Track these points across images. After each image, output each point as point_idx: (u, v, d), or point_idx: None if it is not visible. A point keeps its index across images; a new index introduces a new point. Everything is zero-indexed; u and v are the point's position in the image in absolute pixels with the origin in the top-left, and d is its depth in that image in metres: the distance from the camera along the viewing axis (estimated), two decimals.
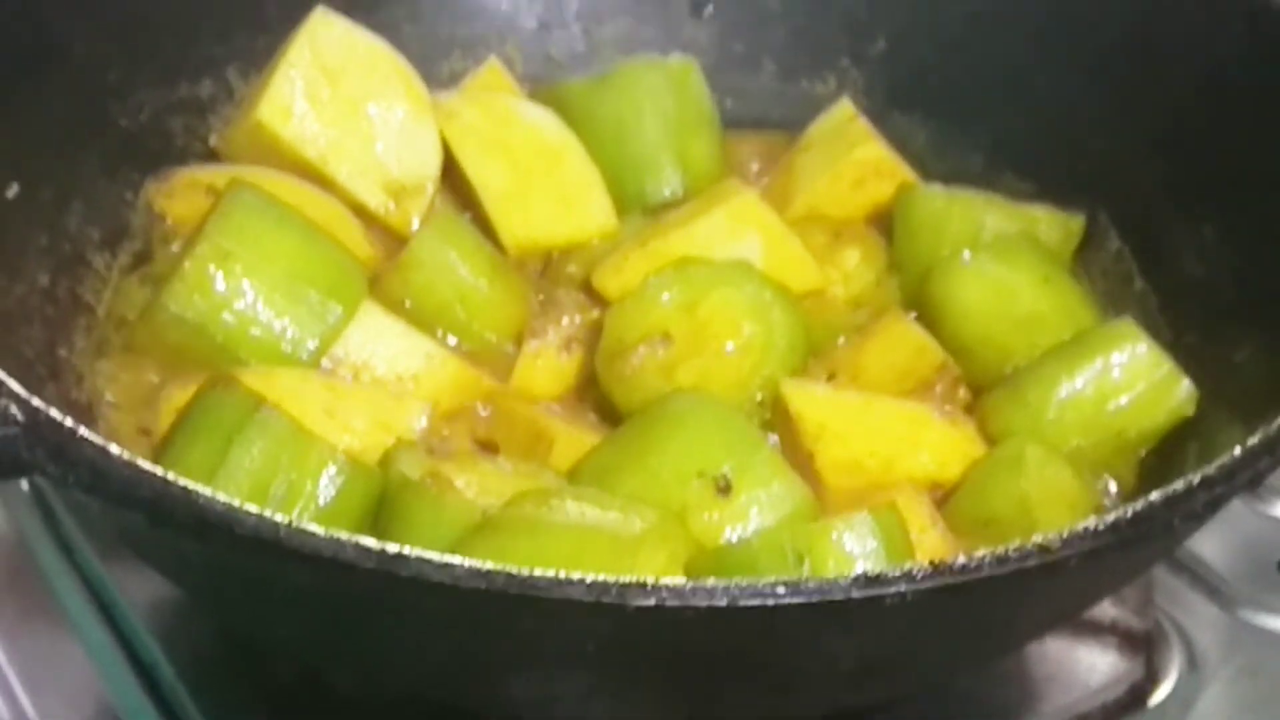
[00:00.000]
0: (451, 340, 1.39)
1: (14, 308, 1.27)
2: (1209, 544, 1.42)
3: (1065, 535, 0.97)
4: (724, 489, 1.20)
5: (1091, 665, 1.32)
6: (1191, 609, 1.39)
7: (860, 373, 1.38)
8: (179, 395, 1.27)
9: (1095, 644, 1.33)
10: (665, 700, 1.08)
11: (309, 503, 1.16)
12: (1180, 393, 1.31)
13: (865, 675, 1.09)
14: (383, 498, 1.20)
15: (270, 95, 1.44)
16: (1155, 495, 1.01)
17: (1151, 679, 1.33)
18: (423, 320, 1.38)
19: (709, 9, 1.68)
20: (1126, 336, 1.33)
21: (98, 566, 1.34)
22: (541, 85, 1.61)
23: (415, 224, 1.47)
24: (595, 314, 1.40)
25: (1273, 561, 1.44)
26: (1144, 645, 1.34)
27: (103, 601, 1.33)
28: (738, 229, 1.43)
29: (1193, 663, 1.35)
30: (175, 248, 1.38)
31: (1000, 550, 0.96)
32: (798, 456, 1.28)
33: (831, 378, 1.37)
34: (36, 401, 0.99)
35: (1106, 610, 1.33)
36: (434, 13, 1.63)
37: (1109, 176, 1.49)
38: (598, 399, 1.36)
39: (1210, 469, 1.03)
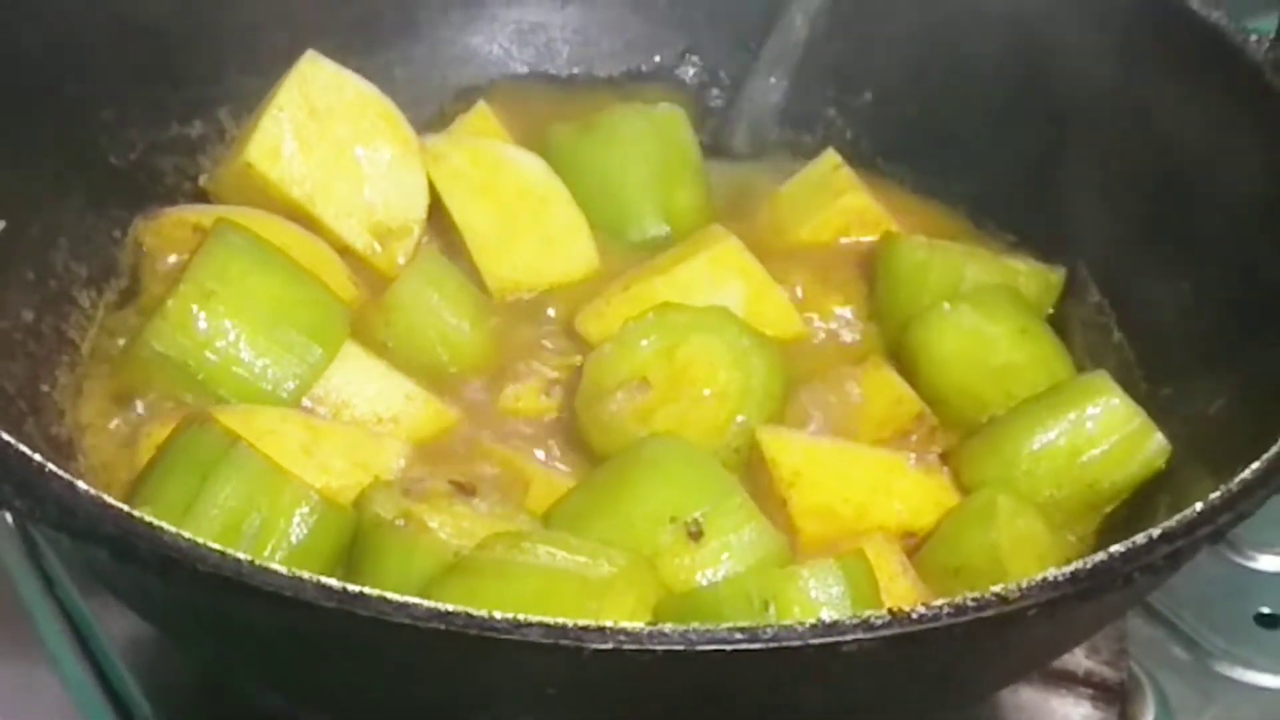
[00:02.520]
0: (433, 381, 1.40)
1: None
2: (1186, 595, 1.43)
3: (1024, 586, 0.98)
4: (695, 534, 1.21)
5: (1065, 716, 1.32)
6: (1166, 660, 1.40)
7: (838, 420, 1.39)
8: (159, 431, 1.28)
9: (1069, 695, 1.33)
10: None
11: (281, 540, 1.17)
12: (1152, 446, 1.32)
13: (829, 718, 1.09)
14: (356, 537, 1.21)
15: (259, 136, 1.46)
16: (1115, 548, 1.02)
17: None
18: (404, 361, 1.39)
19: (696, 58, 1.70)
20: (1100, 390, 1.34)
21: (78, 600, 1.35)
22: (530, 130, 1.62)
23: (401, 265, 1.48)
24: (577, 358, 1.41)
25: (1249, 614, 1.45)
26: (1118, 696, 1.33)
27: (81, 635, 1.34)
28: (719, 275, 1.44)
29: (1167, 714, 1.35)
30: (161, 286, 1.39)
31: (958, 600, 0.97)
32: (772, 502, 1.29)
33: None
34: (5, 436, 1.01)
35: (1080, 661, 1.34)
36: (426, 58, 1.66)
37: (1089, 231, 1.51)
38: (577, 441, 1.36)
39: (1171, 523, 1.04)
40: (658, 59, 1.71)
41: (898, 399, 1.40)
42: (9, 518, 1.42)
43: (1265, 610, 1.45)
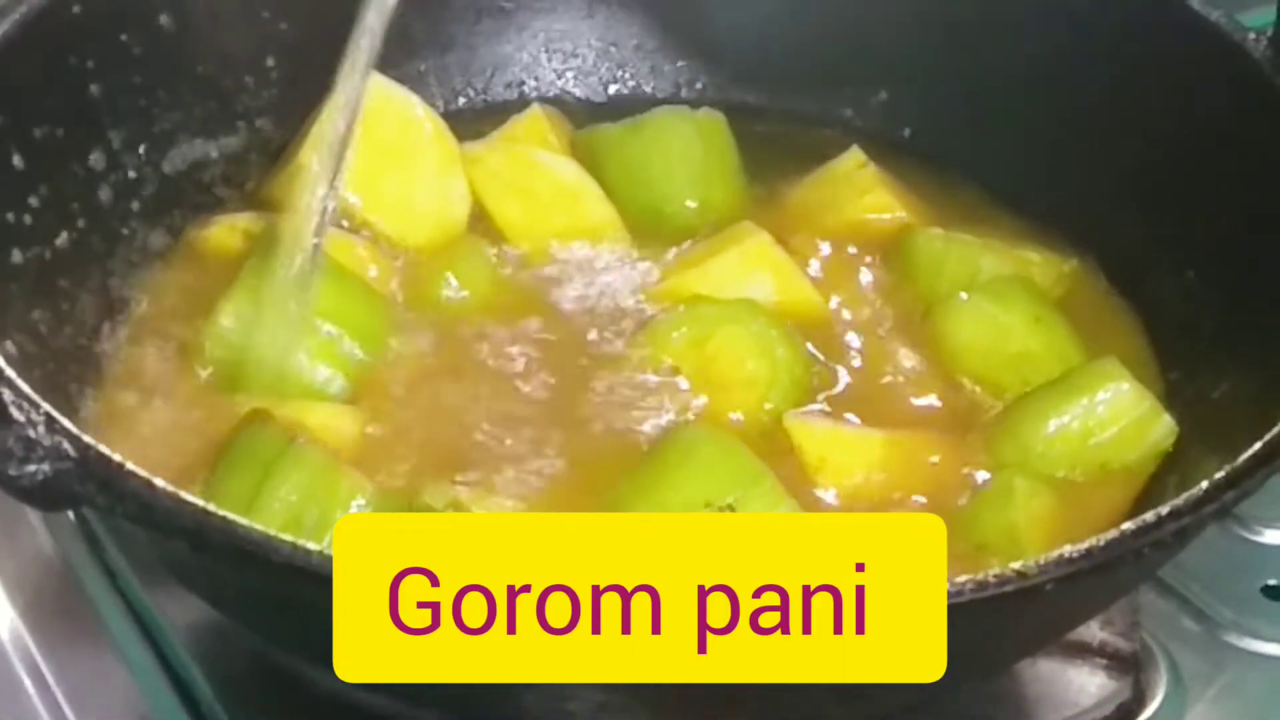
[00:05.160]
0: None
1: (66, 346, 1.34)
2: (1196, 569, 1.47)
3: (1042, 562, 1.03)
4: None
5: (1081, 686, 1.36)
6: (1178, 631, 1.44)
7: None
8: (218, 428, 1.33)
9: (1085, 665, 1.37)
10: (664, 715, 1.14)
11: None
12: (1160, 428, 1.37)
13: (853, 692, 1.11)
14: None
15: (312, 141, 1.51)
16: (1127, 525, 1.07)
17: (1138, 699, 1.37)
18: None
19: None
20: (1111, 375, 1.38)
21: (140, 591, 1.40)
22: (574, 133, 1.68)
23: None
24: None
25: (1257, 586, 1.49)
26: (1131, 666, 1.37)
27: (144, 624, 1.39)
28: (750, 270, 1.50)
29: (1178, 683, 1.39)
30: (213, 291, 1.43)
31: (980, 576, 1.01)
32: (801, 485, 1.34)
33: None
34: (87, 438, 1.05)
35: (1095, 633, 1.38)
36: (460, 67, 1.73)
37: (1098, 222, 1.56)
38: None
39: (1179, 501, 1.08)
40: (681, 64, 1.77)
41: (918, 381, 1.46)
42: (71, 514, 1.47)
43: (1272, 582, 1.49)
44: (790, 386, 1.40)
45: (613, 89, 1.77)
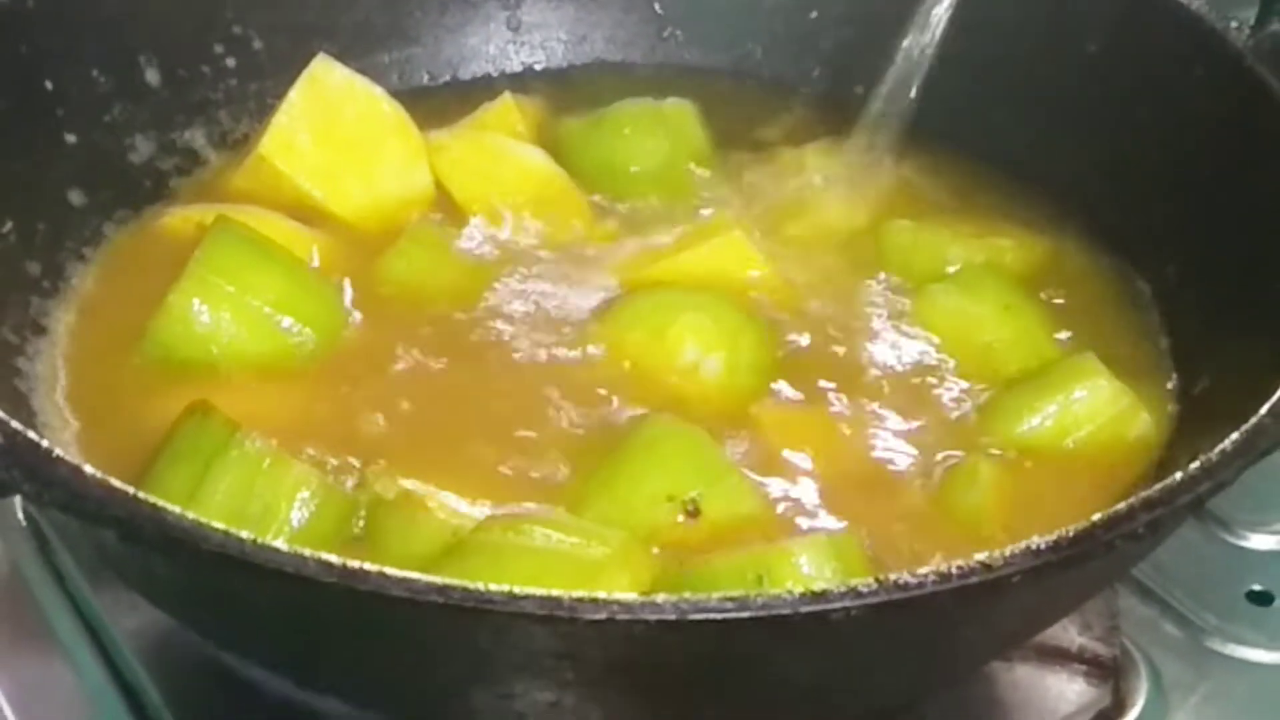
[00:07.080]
0: None
1: (9, 338, 1.33)
2: (1178, 573, 1.44)
3: (1008, 554, 0.99)
4: (693, 513, 1.23)
5: (1060, 692, 1.33)
6: (1159, 637, 1.41)
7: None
8: (161, 413, 1.29)
9: (1063, 671, 1.34)
10: (625, 714, 1.11)
11: (283, 525, 1.19)
12: (1139, 425, 1.34)
13: (824, 692, 1.11)
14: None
15: (274, 132, 1.51)
16: (1097, 516, 1.03)
17: (1118, 706, 1.34)
18: None
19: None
20: (1087, 372, 1.36)
21: (89, 595, 1.37)
22: (543, 124, 1.66)
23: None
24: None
25: (1241, 591, 1.46)
26: (1111, 672, 1.34)
27: (93, 629, 1.36)
28: (723, 263, 1.48)
29: (1159, 690, 1.36)
30: (163, 282, 1.40)
31: (943, 568, 0.98)
32: (767, 472, 1.31)
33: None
34: (15, 424, 1.03)
35: (1074, 638, 1.35)
36: (424, 59, 1.72)
37: (1078, 218, 1.55)
38: None
39: (1151, 491, 1.05)
40: (656, 55, 1.75)
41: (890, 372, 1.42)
42: (20, 516, 1.44)
43: (1257, 587, 1.46)
44: (755, 373, 1.38)
45: (583, 80, 1.74)
